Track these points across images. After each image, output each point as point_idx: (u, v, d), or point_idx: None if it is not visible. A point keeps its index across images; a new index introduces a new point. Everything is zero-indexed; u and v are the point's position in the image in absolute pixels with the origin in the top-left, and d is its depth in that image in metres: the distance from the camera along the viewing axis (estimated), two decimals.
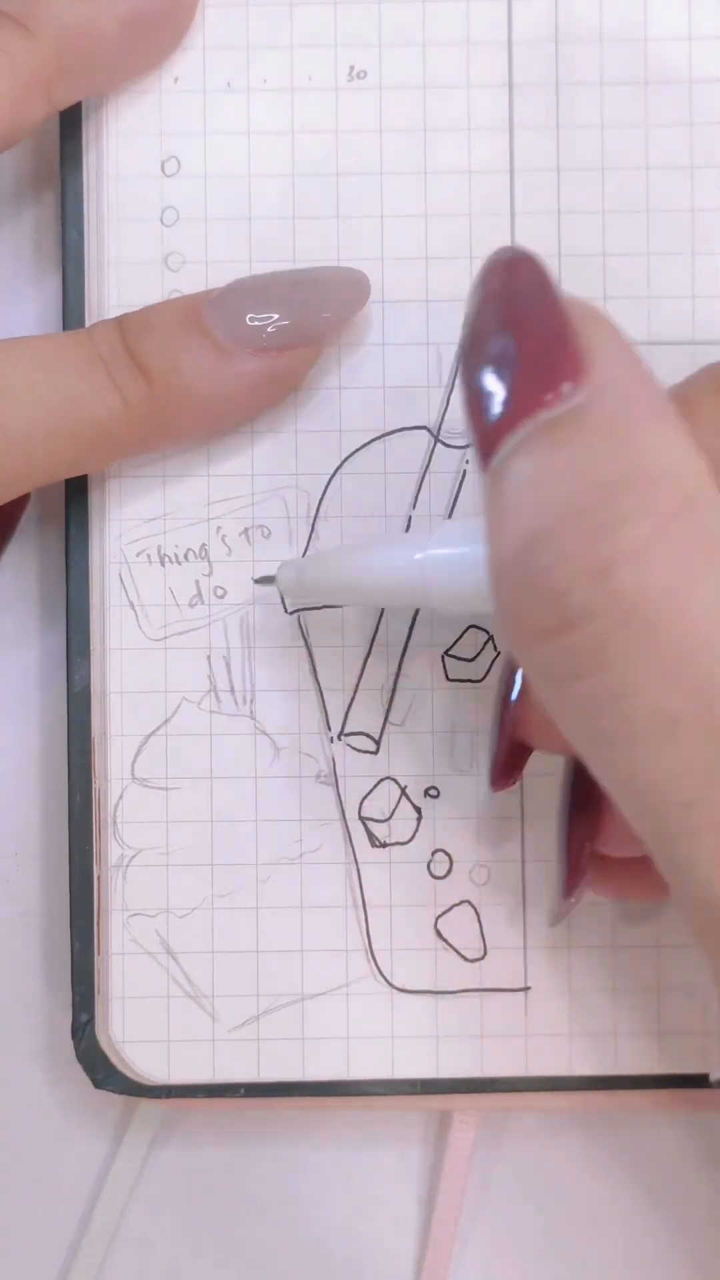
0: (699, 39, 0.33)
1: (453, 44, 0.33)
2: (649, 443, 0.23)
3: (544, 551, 0.23)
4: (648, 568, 0.22)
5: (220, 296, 0.32)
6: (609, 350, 0.24)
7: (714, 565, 0.23)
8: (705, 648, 0.22)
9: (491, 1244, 0.35)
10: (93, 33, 0.32)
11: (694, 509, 0.23)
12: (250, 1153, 0.35)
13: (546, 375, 0.24)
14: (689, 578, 0.22)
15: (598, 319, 0.25)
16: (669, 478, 0.23)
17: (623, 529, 0.23)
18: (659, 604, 0.22)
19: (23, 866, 0.35)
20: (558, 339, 0.24)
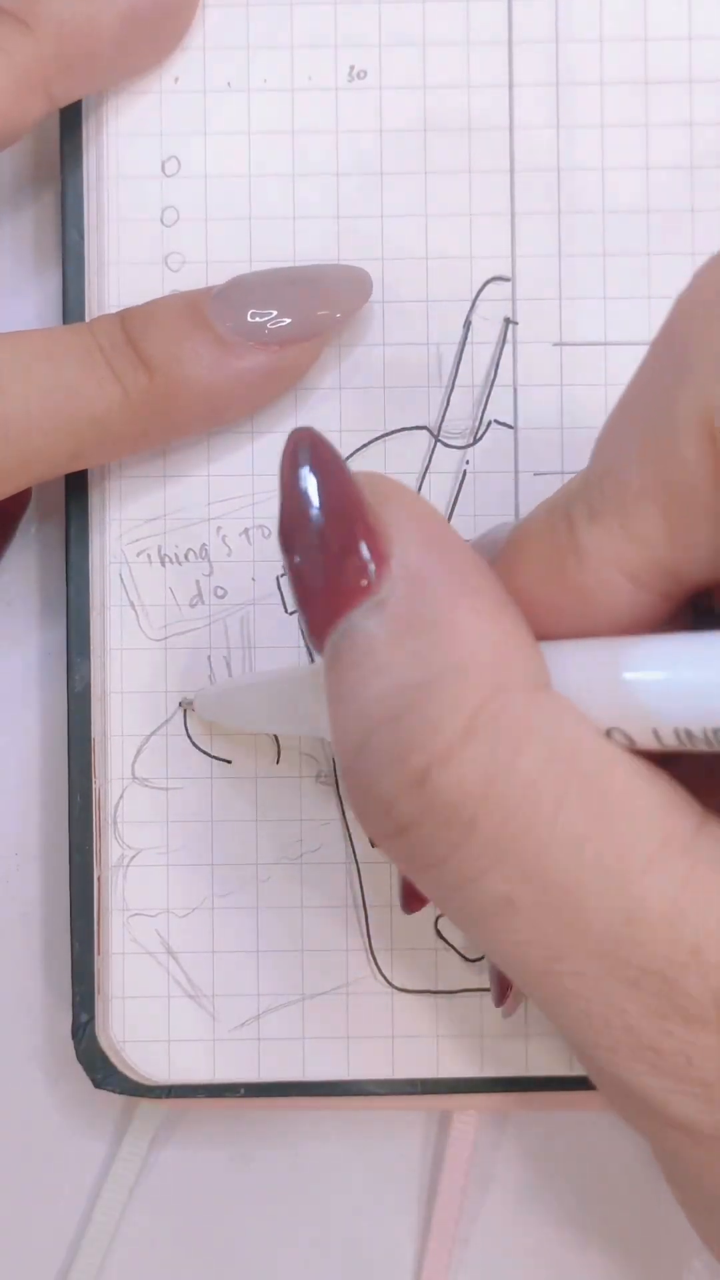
0: (699, 39, 0.33)
1: (453, 44, 0.33)
2: (452, 631, 0.23)
3: (366, 763, 0.23)
4: (461, 768, 0.23)
5: (223, 291, 0.32)
6: (407, 532, 0.24)
7: (528, 752, 0.23)
8: (529, 830, 0.22)
9: (491, 1244, 0.35)
10: (92, 30, 0.32)
11: (502, 696, 0.23)
12: (250, 1153, 0.35)
13: (348, 574, 0.24)
14: (504, 768, 0.23)
15: (395, 496, 0.24)
16: (475, 666, 0.23)
17: (432, 734, 0.23)
18: (477, 800, 0.23)
19: (23, 866, 0.35)
20: (353, 531, 0.24)
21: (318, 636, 0.24)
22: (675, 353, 0.23)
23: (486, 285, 0.33)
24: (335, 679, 0.24)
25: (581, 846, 0.22)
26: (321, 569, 0.24)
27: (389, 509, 0.24)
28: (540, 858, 0.22)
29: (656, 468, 0.22)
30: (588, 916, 0.22)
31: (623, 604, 0.24)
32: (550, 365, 0.33)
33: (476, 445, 0.33)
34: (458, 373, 0.33)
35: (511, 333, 0.33)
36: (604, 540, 0.23)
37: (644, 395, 0.23)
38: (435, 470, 0.33)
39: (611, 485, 0.23)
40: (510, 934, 0.23)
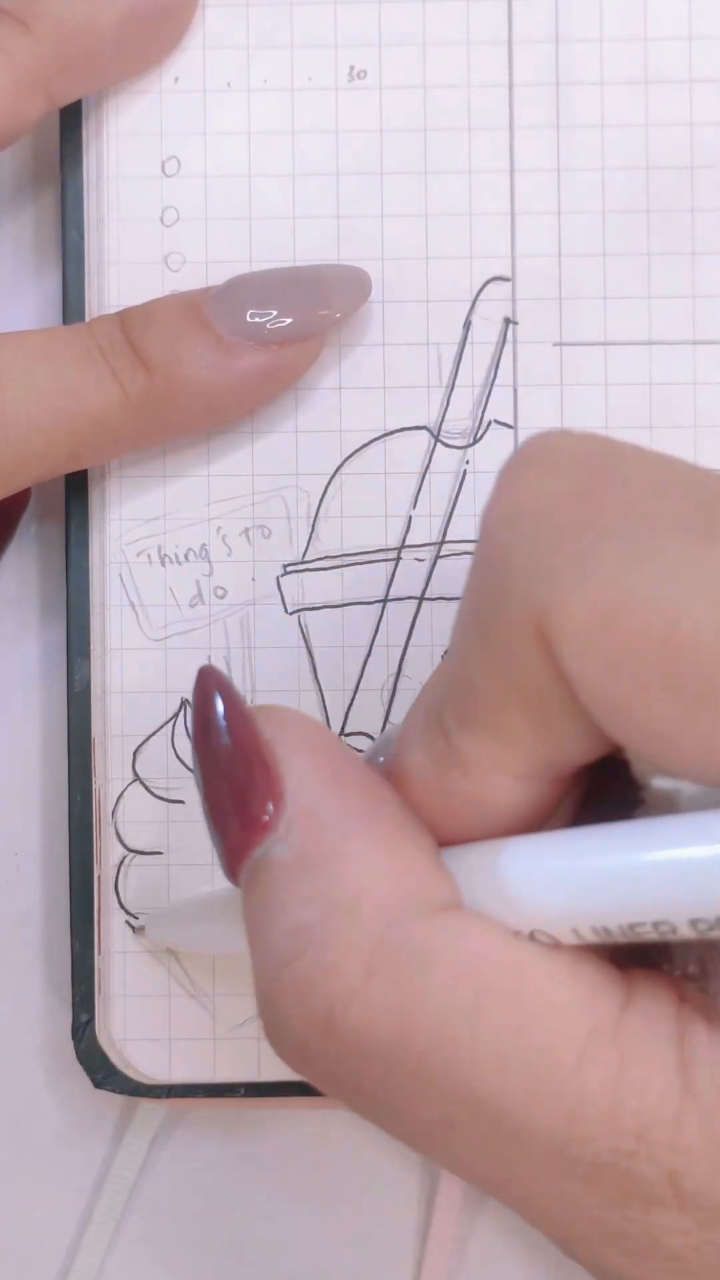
0: (699, 39, 0.33)
1: (453, 44, 0.33)
2: (344, 865, 0.23)
3: (275, 1003, 0.23)
4: (367, 1009, 0.23)
5: (222, 291, 0.32)
6: (300, 767, 0.24)
7: (432, 980, 0.22)
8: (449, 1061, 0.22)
9: (491, 1244, 0.35)
10: (92, 30, 0.32)
11: (398, 927, 0.23)
12: (250, 1153, 0.35)
13: (250, 812, 0.24)
14: (411, 1002, 0.22)
15: (288, 728, 0.25)
16: (368, 899, 0.23)
17: (330, 976, 0.23)
18: (391, 1038, 0.22)
19: (23, 866, 0.35)
20: (251, 770, 0.24)
21: (232, 874, 0.25)
22: (493, 565, 0.23)
23: (486, 285, 0.33)
24: (248, 916, 0.24)
25: (507, 1062, 0.22)
26: (229, 807, 0.24)
27: (283, 744, 0.24)
28: (468, 1081, 0.22)
29: (504, 678, 0.22)
30: (529, 1126, 0.22)
31: (515, 801, 0.24)
32: (550, 365, 0.33)
33: (476, 445, 0.33)
34: (458, 373, 0.33)
35: (511, 333, 0.33)
36: (480, 748, 0.23)
37: (478, 607, 0.23)
38: (435, 470, 0.33)
39: (471, 697, 0.23)
40: (456, 1151, 0.23)
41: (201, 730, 0.25)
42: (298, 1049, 0.23)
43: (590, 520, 0.22)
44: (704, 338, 0.33)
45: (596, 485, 0.23)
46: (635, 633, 0.21)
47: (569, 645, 0.21)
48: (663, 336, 0.33)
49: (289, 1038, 0.23)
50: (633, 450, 0.23)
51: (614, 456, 0.23)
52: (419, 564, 0.33)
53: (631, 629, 0.21)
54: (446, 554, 0.33)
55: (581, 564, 0.21)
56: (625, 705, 0.21)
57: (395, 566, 0.34)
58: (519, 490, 0.23)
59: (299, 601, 0.33)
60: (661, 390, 0.33)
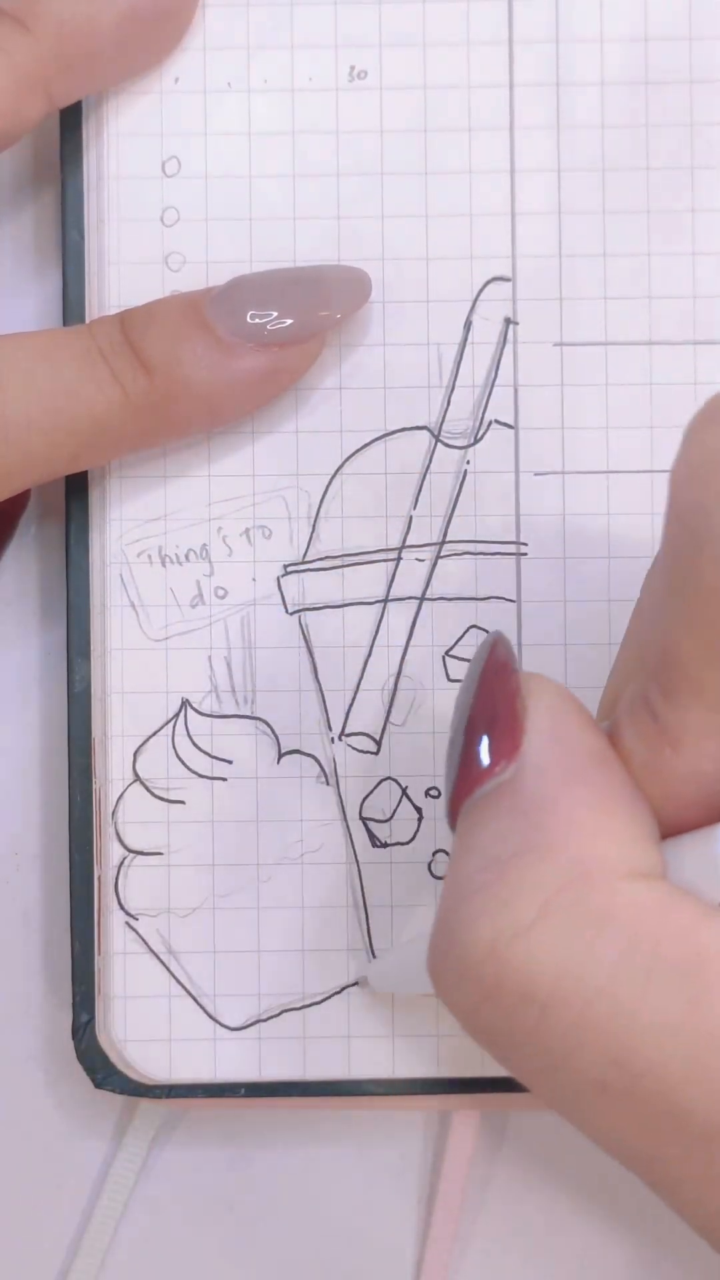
0: (699, 39, 0.33)
1: (453, 44, 0.33)
2: (553, 816, 0.24)
3: (446, 931, 0.24)
4: (531, 948, 0.23)
5: (222, 292, 0.32)
6: (541, 725, 0.25)
7: (603, 937, 0.22)
8: (610, 1018, 0.22)
9: (491, 1244, 0.35)
10: (92, 30, 0.32)
11: (584, 882, 0.23)
12: (250, 1153, 0.35)
13: (489, 754, 0.25)
14: (577, 953, 0.22)
15: (543, 694, 0.25)
16: (562, 852, 0.23)
17: (503, 910, 0.23)
18: (550, 983, 0.23)
19: (23, 866, 0.35)
20: (506, 718, 0.25)
21: (454, 810, 0.25)
22: (688, 520, 0.23)
23: (486, 285, 0.33)
24: (453, 851, 0.25)
25: (670, 1036, 0.22)
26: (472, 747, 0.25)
27: (534, 704, 0.25)
28: (626, 1047, 0.22)
29: (707, 639, 0.22)
30: (687, 1103, 0.22)
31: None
32: (550, 365, 0.34)
33: (477, 445, 0.33)
34: (458, 373, 0.33)
35: (511, 333, 0.33)
36: (691, 720, 0.23)
37: (673, 566, 0.23)
38: (435, 470, 0.33)
39: (674, 664, 0.23)
40: (607, 1118, 0.23)
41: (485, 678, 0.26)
42: (457, 976, 0.23)
43: None
44: (704, 338, 0.33)
45: None
46: None
47: None
48: (663, 336, 0.33)
49: (450, 966, 0.23)
50: None
51: None
52: (419, 564, 0.33)
53: None
54: (447, 554, 0.33)
55: None
56: None
57: (395, 566, 0.34)
58: (710, 444, 0.23)
59: (299, 602, 0.33)
60: (661, 390, 0.33)
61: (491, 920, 0.23)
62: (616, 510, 0.33)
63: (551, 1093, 0.24)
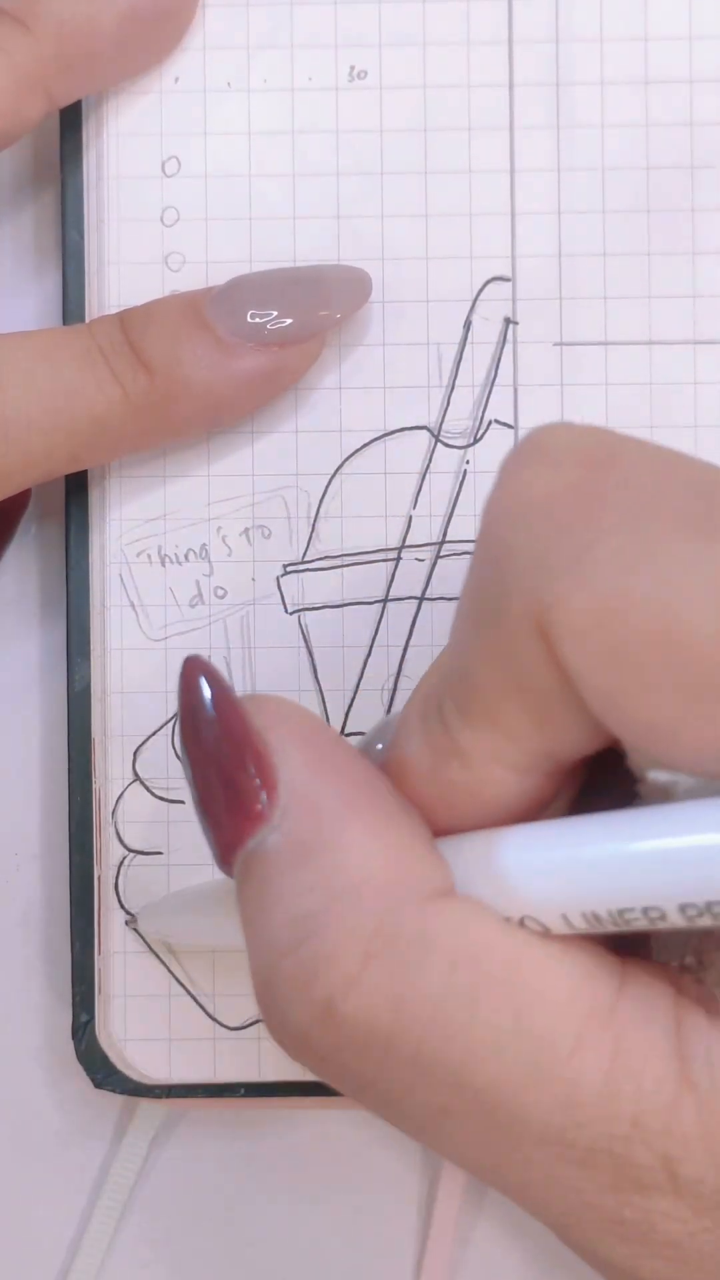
0: (699, 39, 0.33)
1: (453, 44, 0.33)
2: (343, 854, 0.23)
3: (274, 995, 0.23)
4: (365, 995, 0.23)
5: (222, 292, 0.32)
6: (293, 756, 0.24)
7: (430, 966, 0.22)
8: (446, 1046, 0.22)
9: (491, 1244, 0.35)
10: (92, 30, 0.32)
11: (397, 914, 0.23)
12: (250, 1153, 0.35)
13: (243, 802, 0.24)
14: (407, 986, 0.22)
15: (280, 719, 0.25)
16: (367, 887, 0.23)
17: (330, 965, 0.23)
18: (388, 1025, 0.23)
19: (23, 866, 0.35)
20: (242, 760, 0.24)
21: (225, 864, 0.25)
22: (493, 559, 0.23)
23: (486, 285, 0.33)
24: (243, 907, 0.24)
25: (502, 1048, 0.22)
26: (220, 797, 0.24)
27: (275, 733, 0.24)
28: (464, 1068, 0.22)
29: (504, 671, 0.23)
30: (525, 1112, 0.22)
31: (512, 793, 0.24)
32: (550, 365, 0.34)
33: (477, 445, 0.33)
34: (458, 373, 0.33)
35: (511, 333, 0.33)
36: (479, 740, 0.23)
37: (478, 599, 0.23)
38: (435, 470, 0.33)
39: (471, 688, 0.23)
40: (452, 1137, 0.23)
41: (189, 719, 0.25)
42: (298, 1039, 0.23)
43: (591, 516, 0.22)
44: (704, 338, 0.33)
45: (598, 480, 0.23)
46: (634, 629, 0.21)
47: (568, 641, 0.21)
48: (663, 336, 0.33)
49: (290, 1028, 0.23)
50: (635, 444, 0.23)
51: (616, 451, 0.23)
52: (419, 564, 0.33)
53: (630, 626, 0.21)
54: (446, 554, 0.33)
55: (581, 560, 0.22)
56: (624, 700, 0.21)
57: (395, 566, 0.34)
58: (520, 484, 0.23)
59: (299, 601, 0.33)
60: (661, 390, 0.33)
61: (321, 980, 0.23)
62: None
63: (400, 1122, 0.24)
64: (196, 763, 0.25)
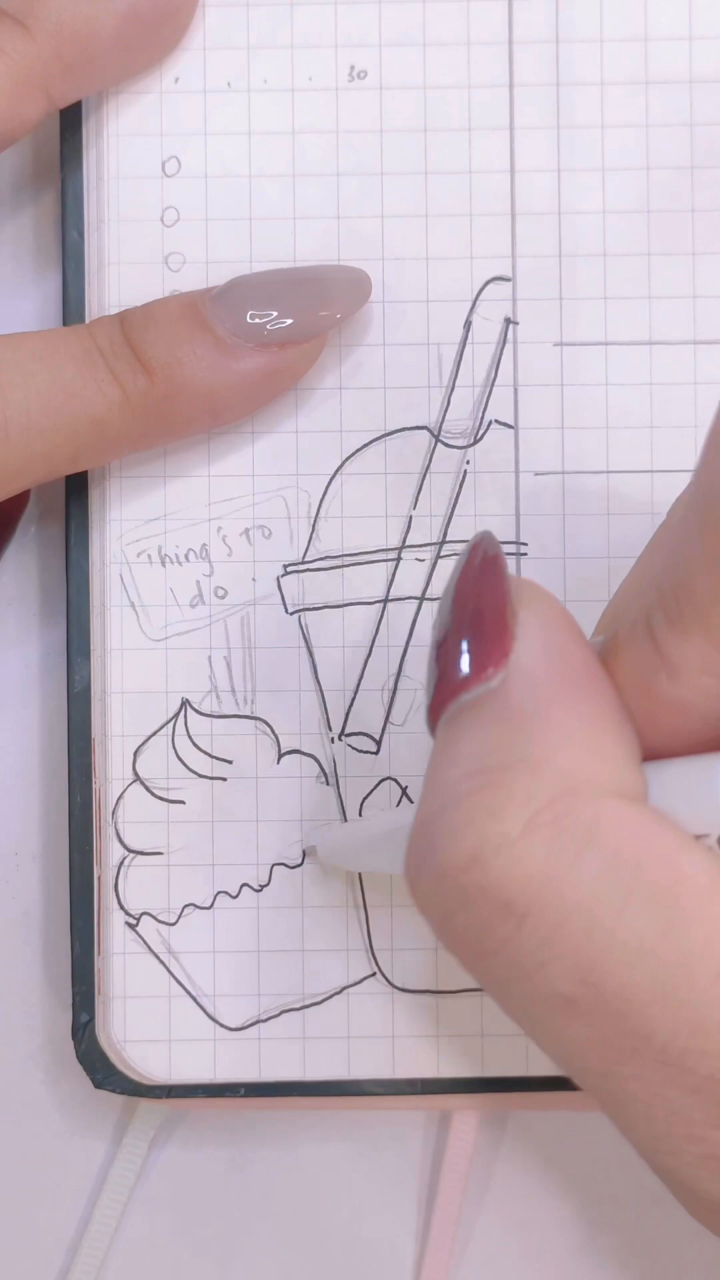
0: (699, 39, 0.33)
1: (453, 44, 0.33)
2: (541, 727, 0.24)
3: (426, 836, 0.24)
4: (514, 860, 0.23)
5: (222, 293, 0.32)
6: (533, 634, 0.25)
7: (587, 854, 0.23)
8: (586, 934, 0.22)
9: (491, 1244, 0.35)
10: (91, 31, 0.32)
11: (571, 798, 0.23)
12: (250, 1153, 0.35)
13: (476, 659, 0.24)
14: (560, 868, 0.23)
15: (534, 598, 0.25)
16: (552, 765, 0.23)
17: (490, 819, 0.23)
18: (530, 896, 0.23)
19: (23, 866, 0.35)
20: (494, 623, 0.25)
21: (435, 714, 0.25)
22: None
23: (486, 285, 0.33)
24: (435, 755, 0.25)
25: (643, 957, 0.22)
26: (456, 648, 0.25)
27: (525, 612, 0.25)
28: (598, 964, 0.22)
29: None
30: (650, 1025, 0.22)
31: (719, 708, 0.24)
32: (550, 365, 0.34)
33: (477, 445, 0.33)
34: (458, 373, 0.33)
35: (511, 333, 0.33)
36: (691, 651, 0.23)
37: (703, 501, 0.23)
38: (435, 470, 0.33)
39: (686, 595, 0.23)
40: (568, 1033, 0.23)
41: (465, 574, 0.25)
42: (435, 880, 0.23)
43: None
44: (704, 338, 0.33)
45: None
46: None
47: None
48: (663, 336, 0.33)
49: (432, 866, 0.23)
50: None
51: None
52: (419, 564, 0.33)
53: None
54: (447, 554, 0.33)
55: None
56: None
57: (395, 566, 0.34)
58: None
59: (299, 601, 0.33)
60: (661, 390, 0.33)
61: (478, 829, 0.23)
62: (616, 510, 0.33)
63: (516, 1004, 0.24)
64: (452, 613, 0.25)
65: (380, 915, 0.33)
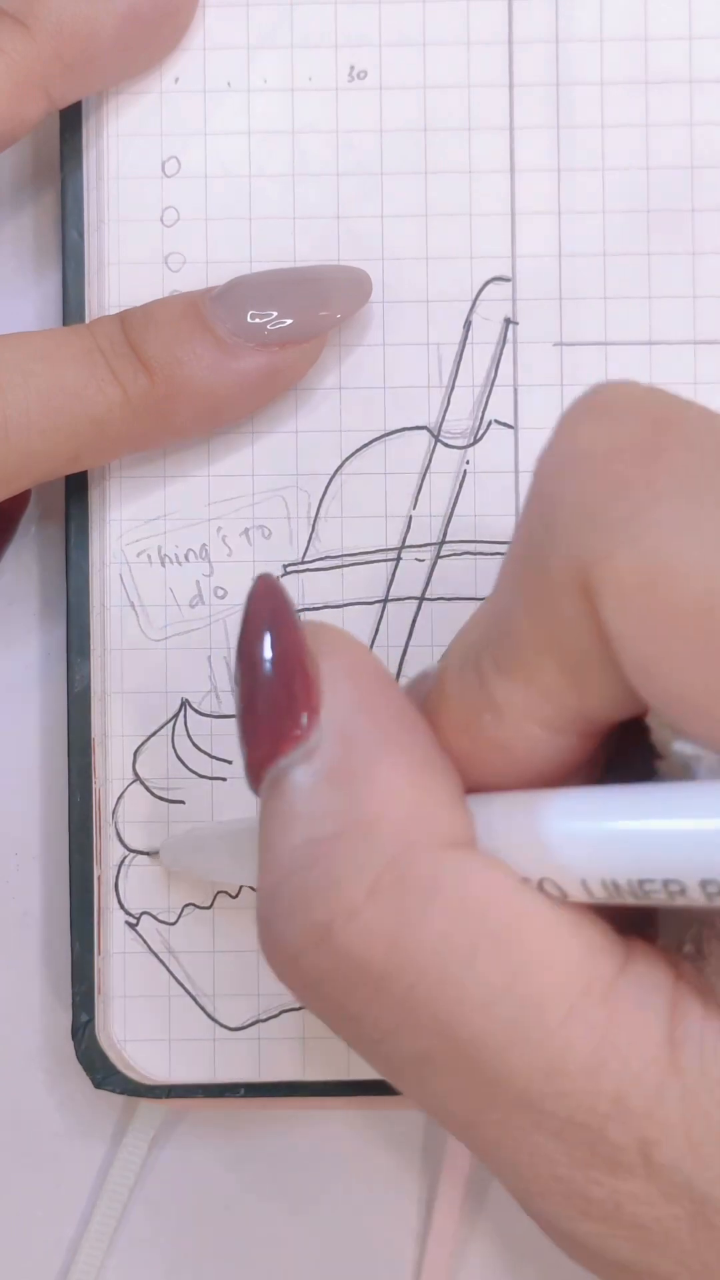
0: (699, 39, 0.33)
1: (453, 44, 0.33)
2: (369, 786, 0.23)
3: (273, 912, 0.24)
4: (364, 927, 0.23)
5: (222, 293, 0.32)
6: (341, 687, 0.24)
7: (434, 910, 0.22)
8: (438, 990, 0.22)
9: (491, 1244, 0.35)
10: (91, 31, 0.32)
11: (411, 854, 0.23)
12: (250, 1153, 0.35)
13: (283, 720, 0.24)
14: (408, 928, 0.22)
15: (336, 650, 0.25)
16: (385, 825, 0.23)
17: (335, 890, 0.23)
18: (382, 960, 0.23)
19: (23, 866, 0.35)
20: (291, 680, 0.24)
21: (254, 779, 0.25)
22: (544, 511, 0.23)
23: (486, 285, 0.33)
24: (263, 823, 0.24)
25: (494, 1004, 0.22)
26: (262, 712, 0.24)
27: (328, 663, 0.25)
28: (452, 1017, 0.22)
29: (544, 627, 0.22)
30: (507, 1071, 0.22)
31: (543, 751, 0.24)
32: (550, 365, 0.34)
33: (477, 445, 0.33)
34: (458, 373, 0.33)
35: (511, 333, 0.33)
36: (514, 695, 0.23)
37: (523, 554, 0.23)
38: (435, 470, 0.33)
39: (510, 643, 0.23)
40: (430, 1087, 0.23)
41: (249, 632, 0.25)
42: (290, 959, 0.23)
43: (648, 475, 0.22)
44: (704, 338, 0.33)
45: (659, 440, 0.22)
46: (679, 597, 0.21)
47: (611, 601, 0.21)
48: (663, 336, 0.33)
49: (284, 947, 0.23)
50: (700, 410, 0.23)
51: (679, 413, 0.23)
52: (419, 564, 0.33)
53: (675, 593, 0.21)
54: (446, 554, 0.33)
55: (633, 520, 0.21)
56: (661, 667, 0.21)
57: (395, 566, 0.34)
58: (578, 436, 0.23)
59: (299, 602, 0.33)
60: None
61: (323, 904, 0.23)
62: None
63: (383, 1064, 0.24)
64: (246, 674, 0.25)
65: None
